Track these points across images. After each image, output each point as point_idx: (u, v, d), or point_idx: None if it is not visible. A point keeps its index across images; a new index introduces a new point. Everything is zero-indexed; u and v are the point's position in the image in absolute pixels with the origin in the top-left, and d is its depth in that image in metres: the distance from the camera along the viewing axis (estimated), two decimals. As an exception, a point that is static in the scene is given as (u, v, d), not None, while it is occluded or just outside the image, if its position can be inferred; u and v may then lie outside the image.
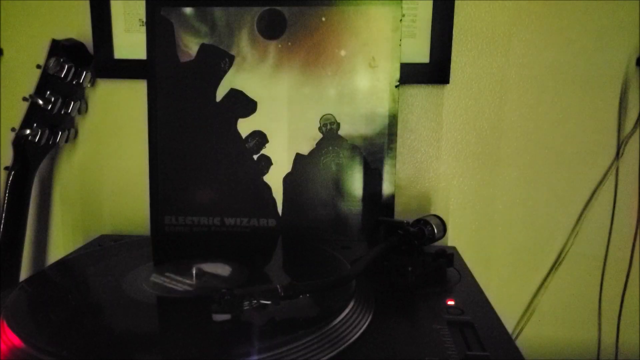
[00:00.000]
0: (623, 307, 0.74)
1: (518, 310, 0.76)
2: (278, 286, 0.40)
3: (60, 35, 0.70)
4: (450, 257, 0.55)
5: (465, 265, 0.59)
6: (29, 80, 0.68)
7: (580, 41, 0.69)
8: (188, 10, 0.66)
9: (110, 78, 0.74)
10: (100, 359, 0.36)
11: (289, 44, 0.66)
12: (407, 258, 0.52)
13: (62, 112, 0.70)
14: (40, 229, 0.79)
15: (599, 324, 0.75)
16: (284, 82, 0.67)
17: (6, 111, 0.75)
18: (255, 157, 0.68)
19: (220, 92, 0.67)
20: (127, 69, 0.72)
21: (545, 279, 0.75)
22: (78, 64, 0.69)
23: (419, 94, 0.72)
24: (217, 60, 0.67)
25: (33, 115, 0.68)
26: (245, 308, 0.39)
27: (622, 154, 0.71)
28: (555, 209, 0.73)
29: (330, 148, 0.67)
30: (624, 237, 0.73)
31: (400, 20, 0.65)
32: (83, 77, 0.70)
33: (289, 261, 0.61)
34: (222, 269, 0.52)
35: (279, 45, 0.66)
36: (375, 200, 0.67)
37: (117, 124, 0.75)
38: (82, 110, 0.74)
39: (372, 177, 0.67)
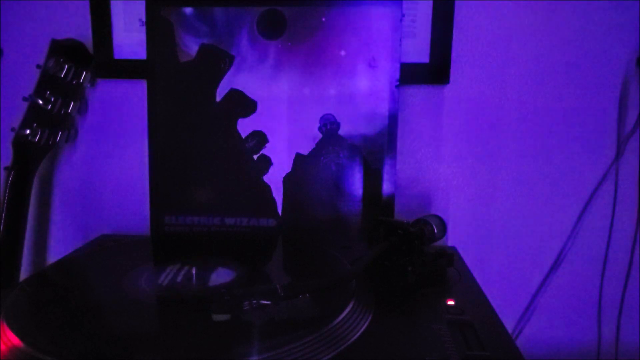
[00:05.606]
0: (623, 307, 0.74)
1: (518, 310, 0.76)
2: (278, 286, 0.41)
3: (60, 35, 0.70)
4: (450, 257, 0.55)
5: (465, 265, 0.59)
6: (29, 80, 0.68)
7: (580, 41, 0.69)
8: (188, 10, 0.66)
9: (110, 78, 0.74)
10: (100, 359, 0.36)
11: (289, 44, 0.66)
12: (407, 258, 0.52)
13: (62, 112, 0.70)
14: (40, 229, 0.79)
15: (599, 324, 0.75)
16: (284, 82, 0.67)
17: (6, 111, 0.75)
18: (255, 157, 0.68)
19: (220, 92, 0.67)
20: (127, 69, 0.72)
21: (545, 279, 0.75)
22: (78, 64, 0.69)
23: (419, 94, 0.72)
24: (217, 61, 0.67)
25: (33, 115, 0.67)
26: (245, 308, 0.39)
27: (622, 154, 0.71)
28: (555, 209, 0.73)
29: (330, 148, 0.67)
30: (623, 237, 0.73)
31: (400, 20, 0.65)
32: (83, 77, 0.70)
33: (289, 261, 0.61)
34: (222, 269, 0.52)
35: (279, 45, 0.66)
36: (375, 200, 0.67)
37: (117, 124, 0.75)
38: (82, 110, 0.74)
39: (372, 177, 0.67)
